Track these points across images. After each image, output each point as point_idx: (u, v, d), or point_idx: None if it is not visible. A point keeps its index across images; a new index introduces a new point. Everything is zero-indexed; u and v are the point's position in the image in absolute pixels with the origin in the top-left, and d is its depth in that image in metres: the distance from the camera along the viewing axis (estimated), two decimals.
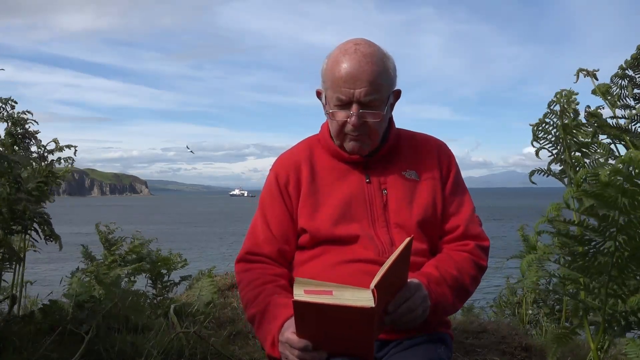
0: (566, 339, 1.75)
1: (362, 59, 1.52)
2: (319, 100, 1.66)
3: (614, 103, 1.87)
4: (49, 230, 2.91)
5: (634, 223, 1.46)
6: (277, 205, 1.66)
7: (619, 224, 1.48)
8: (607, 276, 1.58)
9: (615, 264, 1.55)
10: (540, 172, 1.81)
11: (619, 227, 1.49)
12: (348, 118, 1.54)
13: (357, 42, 1.57)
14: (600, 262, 1.57)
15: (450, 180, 1.67)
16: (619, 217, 1.47)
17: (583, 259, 1.58)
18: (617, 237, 1.51)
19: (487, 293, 6.09)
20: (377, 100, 1.53)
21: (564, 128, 1.69)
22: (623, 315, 1.67)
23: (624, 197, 1.42)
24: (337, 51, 1.58)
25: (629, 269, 1.55)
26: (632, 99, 1.92)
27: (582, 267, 1.59)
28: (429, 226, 1.61)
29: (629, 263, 1.53)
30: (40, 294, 3.67)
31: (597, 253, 1.56)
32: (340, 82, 1.52)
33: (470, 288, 1.58)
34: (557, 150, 1.77)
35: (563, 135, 1.71)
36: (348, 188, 1.62)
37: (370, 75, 1.51)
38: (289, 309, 1.31)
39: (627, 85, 1.90)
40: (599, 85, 1.87)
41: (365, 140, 1.59)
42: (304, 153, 1.71)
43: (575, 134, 1.71)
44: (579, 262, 1.59)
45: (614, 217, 1.48)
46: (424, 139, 1.75)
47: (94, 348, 2.54)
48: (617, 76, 1.92)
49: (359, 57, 1.52)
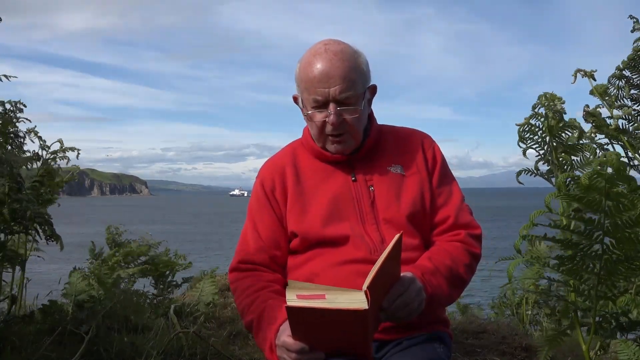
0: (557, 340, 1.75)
1: (332, 57, 1.53)
2: (297, 106, 1.67)
3: (612, 104, 1.87)
4: (49, 231, 2.92)
5: (620, 225, 1.45)
6: (265, 212, 1.66)
7: (605, 227, 1.48)
8: (596, 278, 1.57)
9: (603, 267, 1.54)
10: (528, 172, 1.81)
11: (605, 230, 1.48)
12: (326, 118, 1.55)
13: (326, 42, 1.58)
14: (588, 265, 1.57)
15: (436, 171, 1.67)
16: (604, 220, 1.46)
17: (571, 262, 1.57)
18: (603, 240, 1.50)
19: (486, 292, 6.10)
20: (352, 96, 1.54)
21: (549, 130, 1.69)
22: (614, 316, 1.67)
23: (608, 200, 1.41)
24: (307, 54, 1.59)
25: (618, 271, 1.54)
26: (629, 99, 1.92)
27: (570, 270, 1.59)
28: (418, 220, 1.61)
29: (617, 265, 1.53)
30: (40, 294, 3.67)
31: (584, 256, 1.55)
32: (315, 82, 1.53)
33: (466, 277, 1.58)
34: (544, 151, 1.77)
35: (549, 136, 1.71)
36: (334, 188, 1.62)
37: (343, 72, 1.52)
38: (283, 313, 1.31)
39: (624, 86, 1.90)
40: (597, 86, 1.87)
41: (347, 139, 1.59)
42: (287, 157, 1.71)
43: (560, 135, 1.71)
44: (567, 265, 1.58)
45: (599, 221, 1.47)
46: (408, 132, 1.74)
47: (94, 348, 2.55)
48: (614, 77, 1.92)
49: (330, 56, 1.53)
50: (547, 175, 1.79)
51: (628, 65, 1.88)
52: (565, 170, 1.72)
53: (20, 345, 2.47)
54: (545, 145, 1.75)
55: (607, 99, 1.86)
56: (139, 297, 3.07)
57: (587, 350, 1.69)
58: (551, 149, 1.73)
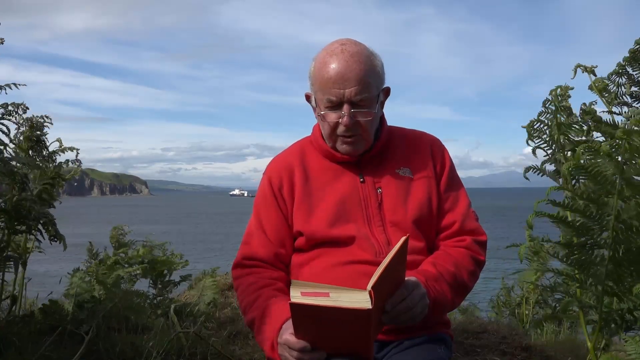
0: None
1: (349, 58, 1.52)
2: (309, 104, 1.66)
3: (611, 101, 1.86)
4: (53, 231, 2.92)
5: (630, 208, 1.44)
6: (271, 209, 1.65)
7: (615, 210, 1.46)
8: (604, 271, 1.56)
9: (611, 257, 1.53)
10: (535, 170, 1.81)
11: (615, 214, 1.47)
12: (339, 119, 1.54)
13: (343, 42, 1.57)
14: (597, 255, 1.56)
15: (444, 176, 1.66)
16: (616, 201, 1.45)
17: (580, 250, 1.57)
18: (613, 225, 1.49)
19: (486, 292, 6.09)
20: (367, 99, 1.53)
21: (558, 127, 1.68)
22: (619, 313, 1.66)
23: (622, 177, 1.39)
24: (323, 53, 1.58)
25: (625, 264, 1.53)
26: (630, 96, 1.91)
27: (578, 260, 1.58)
28: (425, 223, 1.60)
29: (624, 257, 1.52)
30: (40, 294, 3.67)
31: (594, 245, 1.54)
32: (330, 83, 1.52)
33: (469, 283, 1.57)
34: (552, 150, 1.77)
35: (557, 134, 1.70)
36: (342, 188, 1.62)
37: (359, 74, 1.51)
38: (286, 311, 1.30)
39: (625, 83, 1.88)
40: (596, 80, 1.86)
41: (358, 141, 1.59)
42: (296, 155, 1.71)
43: (568, 132, 1.71)
44: (576, 255, 1.58)
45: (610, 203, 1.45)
46: (417, 135, 1.74)
47: (94, 348, 2.55)
48: (614, 73, 1.90)
49: (346, 57, 1.52)
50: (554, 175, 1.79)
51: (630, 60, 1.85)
52: None
53: (20, 345, 2.47)
54: (554, 144, 1.74)
55: (607, 95, 1.85)
56: (139, 297, 3.06)
57: (592, 347, 1.69)
58: (558, 147, 1.72)
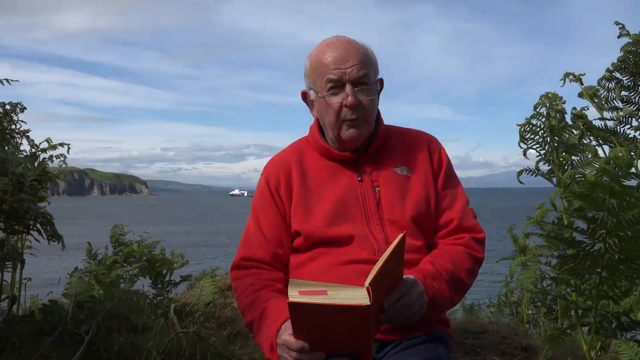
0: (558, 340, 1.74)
1: (346, 44, 1.60)
2: (305, 103, 1.68)
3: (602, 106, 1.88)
4: (51, 231, 2.92)
5: (622, 224, 1.45)
6: (269, 209, 1.65)
7: (607, 226, 1.47)
8: (597, 278, 1.57)
9: (605, 266, 1.54)
10: (529, 172, 1.81)
11: (607, 229, 1.48)
12: (343, 100, 1.56)
13: (337, 35, 1.65)
14: (590, 264, 1.56)
15: (442, 174, 1.67)
16: (607, 219, 1.46)
17: (573, 261, 1.57)
18: (606, 238, 1.50)
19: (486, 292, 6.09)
20: (367, 76, 1.58)
21: (550, 130, 1.69)
22: (615, 315, 1.66)
23: (612, 199, 1.41)
24: (318, 46, 1.63)
25: (620, 271, 1.54)
26: (620, 101, 1.92)
27: (572, 269, 1.59)
28: (423, 222, 1.60)
29: (619, 264, 1.52)
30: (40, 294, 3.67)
31: (586, 255, 1.54)
32: (330, 65, 1.57)
33: (467, 281, 1.57)
34: (545, 151, 1.77)
35: (550, 136, 1.71)
36: (340, 187, 1.62)
37: (358, 54, 1.58)
38: (285, 312, 1.30)
39: (615, 88, 1.90)
40: (586, 88, 1.88)
41: (362, 124, 1.60)
42: (293, 155, 1.71)
43: (562, 135, 1.71)
44: (569, 264, 1.58)
45: (602, 219, 1.47)
46: (414, 134, 1.74)
47: (94, 348, 2.55)
48: (604, 79, 1.92)
49: (343, 42, 1.60)
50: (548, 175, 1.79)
51: (619, 67, 1.88)
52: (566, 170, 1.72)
53: (20, 345, 2.47)
54: (547, 146, 1.75)
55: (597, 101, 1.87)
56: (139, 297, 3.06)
57: (587, 350, 1.69)
58: (552, 149, 1.73)
